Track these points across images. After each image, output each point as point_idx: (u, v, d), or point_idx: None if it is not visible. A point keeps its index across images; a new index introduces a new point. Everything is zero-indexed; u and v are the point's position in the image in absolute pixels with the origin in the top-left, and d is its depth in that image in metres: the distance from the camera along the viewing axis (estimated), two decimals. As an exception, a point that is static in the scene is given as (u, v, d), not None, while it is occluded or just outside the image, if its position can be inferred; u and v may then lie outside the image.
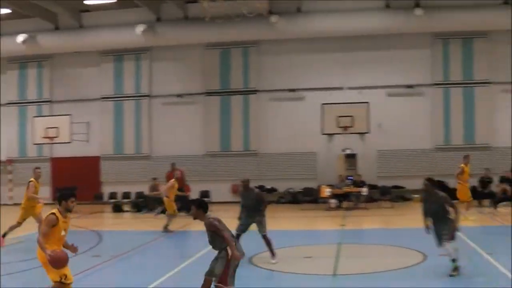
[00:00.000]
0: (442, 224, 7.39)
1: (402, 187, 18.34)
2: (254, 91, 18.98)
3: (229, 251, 5.62)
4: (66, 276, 5.39)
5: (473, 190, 17.63)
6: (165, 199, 13.01)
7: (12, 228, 10.69)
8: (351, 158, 18.46)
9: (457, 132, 18.42)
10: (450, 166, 18.03)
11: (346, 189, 16.99)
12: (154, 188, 17.82)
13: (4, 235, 10.61)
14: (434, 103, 18.52)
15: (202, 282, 5.76)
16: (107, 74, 19.43)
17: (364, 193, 16.88)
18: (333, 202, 16.83)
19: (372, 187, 17.85)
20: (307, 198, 18.26)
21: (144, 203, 17.86)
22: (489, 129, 18.32)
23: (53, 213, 5.48)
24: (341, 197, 17.10)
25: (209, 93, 19.09)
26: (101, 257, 9.30)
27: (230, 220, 10.16)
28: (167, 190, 13.04)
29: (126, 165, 19.27)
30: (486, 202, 16.74)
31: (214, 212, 16.41)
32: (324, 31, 18.00)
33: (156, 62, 19.35)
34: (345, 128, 17.47)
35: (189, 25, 18.30)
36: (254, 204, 8.78)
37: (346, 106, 17.44)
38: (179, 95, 19.14)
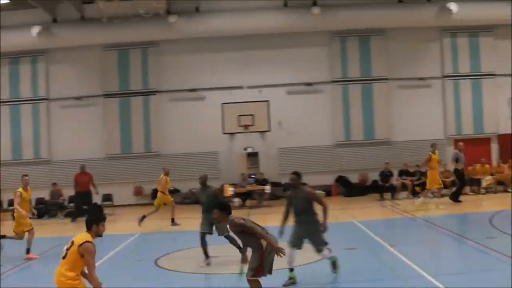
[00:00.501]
0: (310, 224, 7.64)
1: (304, 184, 20.34)
2: (154, 92, 20.66)
3: (263, 243, 5.93)
4: None
5: (374, 184, 20.10)
6: (159, 194, 14.94)
7: (13, 238, 10.84)
8: (253, 156, 20.48)
9: (357, 128, 20.65)
10: (351, 162, 20.43)
11: (249, 188, 18.85)
12: (55, 193, 19.36)
13: (27, 251, 10.61)
14: (334, 100, 20.72)
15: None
16: (3, 77, 20.57)
17: (267, 191, 18.76)
18: (236, 201, 18.49)
19: (274, 184, 19.74)
20: (210, 198, 20.10)
21: (45, 209, 19.35)
22: (388, 125, 20.67)
23: (90, 241, 5.34)
24: (245, 196, 18.86)
25: (108, 95, 20.67)
26: (3, 266, 9.71)
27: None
28: (162, 185, 14.95)
29: (25, 170, 20.60)
30: (388, 195, 18.92)
31: (117, 216, 18.07)
32: (223, 30, 19.89)
33: (53, 65, 20.68)
34: (246, 126, 19.51)
35: (86, 26, 19.80)
36: (211, 201, 9.30)
37: (247, 105, 19.51)
38: (77, 98, 20.66)
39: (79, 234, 5.45)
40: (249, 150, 20.20)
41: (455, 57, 20.97)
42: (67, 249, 5.35)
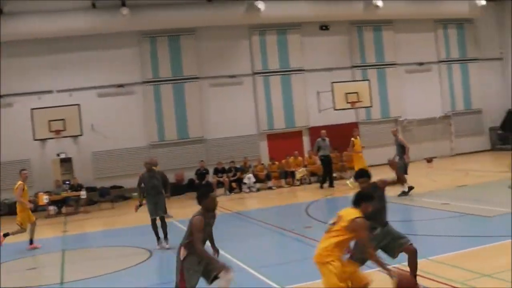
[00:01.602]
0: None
1: (120, 187, 25.47)
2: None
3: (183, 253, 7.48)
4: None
5: (191, 182, 25.82)
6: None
7: (15, 233, 14.28)
8: (66, 162, 25.06)
9: (170, 128, 25.94)
10: (167, 162, 25.90)
11: (64, 194, 22.93)
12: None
13: (5, 235, 14.09)
14: (146, 101, 25.87)
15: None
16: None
17: (83, 196, 22.90)
18: (52, 208, 22.39)
19: (90, 189, 24.23)
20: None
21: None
22: (201, 123, 26.10)
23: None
24: (60, 203, 22.87)
25: None
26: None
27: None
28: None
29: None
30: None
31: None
32: (28, 33, 23.62)
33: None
34: (57, 132, 23.92)
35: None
36: (160, 184, 13.31)
37: (57, 110, 23.69)
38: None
39: (346, 209, 6.83)
40: (62, 155, 24.78)
41: (265, 54, 27.33)
42: (333, 224, 6.80)
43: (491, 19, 32.32)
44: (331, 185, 22.72)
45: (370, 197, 6.83)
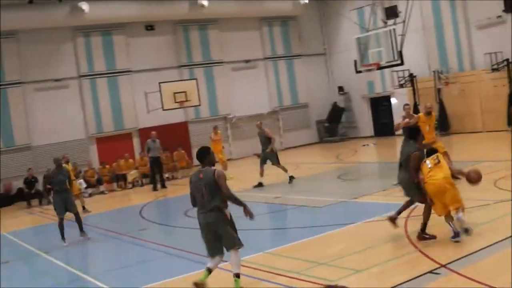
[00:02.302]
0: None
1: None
2: None
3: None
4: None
5: (20, 192, 28.66)
6: None
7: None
8: None
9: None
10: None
11: None
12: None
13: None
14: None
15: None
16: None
17: None
18: None
19: None
20: None
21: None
22: (27, 130, 28.82)
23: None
24: None
25: None
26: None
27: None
28: None
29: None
30: (35, 202, 26.38)
31: None
32: None
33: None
34: None
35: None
36: (65, 181, 15.32)
37: None
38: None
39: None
40: None
41: (90, 56, 30.99)
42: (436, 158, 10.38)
43: (314, 16, 38.33)
44: (163, 186, 25.61)
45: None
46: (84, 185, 26.87)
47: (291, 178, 21.29)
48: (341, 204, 12.19)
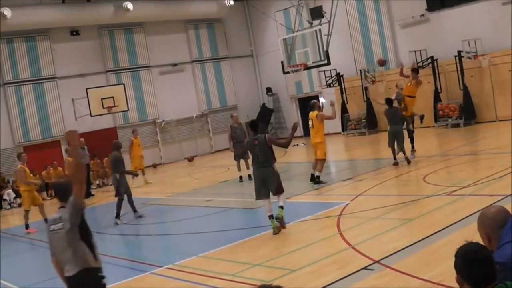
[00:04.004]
0: None
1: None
2: None
3: None
4: None
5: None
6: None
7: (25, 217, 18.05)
8: None
9: None
10: None
11: None
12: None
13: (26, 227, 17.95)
14: None
15: None
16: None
17: None
18: None
19: None
20: None
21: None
22: None
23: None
24: None
25: None
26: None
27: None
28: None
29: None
30: None
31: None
32: None
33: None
34: None
35: None
36: None
37: None
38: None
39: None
40: None
41: (14, 63, 30.91)
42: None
43: (240, 18, 39.25)
44: (90, 194, 25.36)
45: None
46: (13, 195, 26.80)
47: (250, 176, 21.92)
48: (273, 205, 12.61)
